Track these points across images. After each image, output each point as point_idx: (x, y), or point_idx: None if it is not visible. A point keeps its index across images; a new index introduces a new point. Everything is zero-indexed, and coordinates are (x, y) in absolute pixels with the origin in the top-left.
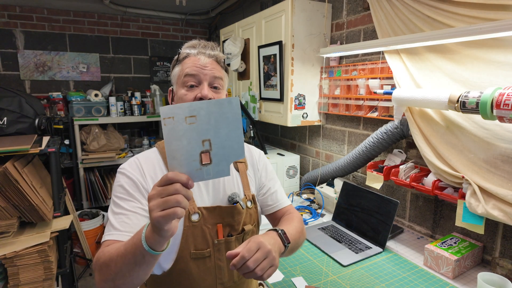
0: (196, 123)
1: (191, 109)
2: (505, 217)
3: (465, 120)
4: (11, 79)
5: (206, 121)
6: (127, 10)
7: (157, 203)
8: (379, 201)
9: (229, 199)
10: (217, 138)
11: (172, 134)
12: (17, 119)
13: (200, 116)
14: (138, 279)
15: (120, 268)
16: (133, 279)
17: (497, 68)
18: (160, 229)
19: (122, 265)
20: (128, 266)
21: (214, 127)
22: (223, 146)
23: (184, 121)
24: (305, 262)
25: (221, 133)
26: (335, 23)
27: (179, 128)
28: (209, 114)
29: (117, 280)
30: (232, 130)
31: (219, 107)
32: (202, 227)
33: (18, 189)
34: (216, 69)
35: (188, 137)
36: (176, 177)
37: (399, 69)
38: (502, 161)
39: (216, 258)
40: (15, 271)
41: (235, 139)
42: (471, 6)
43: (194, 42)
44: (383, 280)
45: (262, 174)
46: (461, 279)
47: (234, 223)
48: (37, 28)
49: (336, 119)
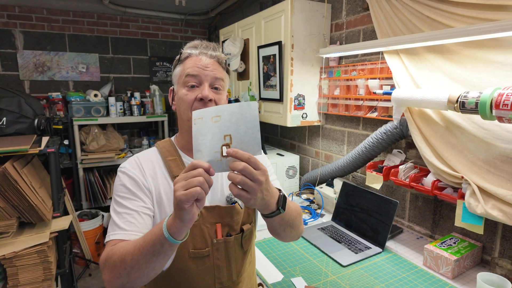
0: (220, 121)
1: (217, 110)
2: (505, 217)
3: (464, 120)
4: (11, 79)
5: (228, 119)
6: (127, 10)
7: (181, 184)
8: (378, 201)
9: (227, 199)
10: (237, 134)
11: (199, 131)
12: (17, 119)
13: (223, 116)
14: (154, 271)
15: (137, 260)
16: (149, 271)
17: (496, 68)
18: (181, 208)
19: (139, 256)
20: (146, 257)
21: (235, 124)
22: (242, 141)
23: (210, 120)
24: (304, 262)
25: (240, 130)
26: (334, 23)
27: (206, 126)
28: (231, 114)
29: (132, 273)
30: (249, 128)
31: (239, 109)
32: (201, 226)
33: (17, 190)
34: (218, 70)
35: (212, 133)
36: (199, 164)
37: (399, 69)
38: (501, 161)
39: (215, 258)
40: (14, 271)
41: (252, 136)
42: (470, 7)
43: (196, 42)
44: (382, 280)
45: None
46: (460, 279)
47: (233, 223)
48: (36, 28)
49: (335, 119)
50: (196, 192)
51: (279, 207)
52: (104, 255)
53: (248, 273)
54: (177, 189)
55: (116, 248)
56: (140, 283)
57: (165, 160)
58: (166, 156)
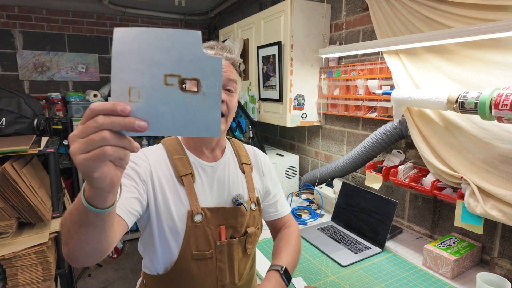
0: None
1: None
2: (504, 217)
3: (464, 120)
4: (10, 80)
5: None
6: (126, 11)
7: (77, 144)
8: (378, 201)
9: (233, 200)
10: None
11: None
12: (16, 120)
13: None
14: (88, 245)
15: (68, 229)
16: (82, 243)
17: (495, 69)
18: (90, 177)
19: (70, 224)
20: (74, 226)
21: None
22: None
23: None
24: (304, 263)
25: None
26: (334, 23)
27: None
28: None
29: (69, 243)
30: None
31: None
32: (204, 228)
33: (17, 190)
34: (232, 72)
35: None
36: (101, 107)
37: (398, 70)
38: (500, 161)
39: (218, 260)
40: (13, 272)
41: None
42: (469, 7)
43: (212, 43)
44: (382, 281)
45: (268, 179)
46: (460, 279)
47: (237, 225)
48: (36, 28)
49: (335, 120)
50: (101, 155)
51: (287, 284)
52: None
53: (250, 276)
54: (74, 152)
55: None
56: (79, 256)
57: (171, 158)
58: (172, 154)
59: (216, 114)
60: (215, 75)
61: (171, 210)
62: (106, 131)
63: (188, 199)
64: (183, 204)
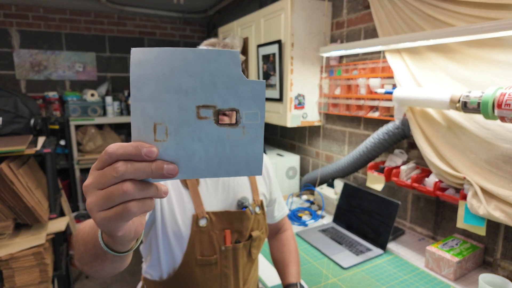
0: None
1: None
2: (507, 218)
3: (466, 120)
4: (6, 79)
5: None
6: (124, 9)
7: (95, 199)
8: (380, 203)
9: (239, 203)
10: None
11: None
12: (12, 119)
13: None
14: (104, 272)
15: (81, 255)
16: (98, 271)
17: (498, 68)
18: (112, 236)
19: (84, 253)
20: (90, 258)
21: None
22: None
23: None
24: (305, 265)
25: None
26: (335, 21)
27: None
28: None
29: (83, 265)
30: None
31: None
32: (209, 232)
33: (13, 191)
34: None
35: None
36: (121, 150)
37: (400, 69)
38: (503, 162)
39: (222, 265)
40: (10, 273)
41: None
42: (472, 5)
43: (213, 40)
44: (384, 283)
45: (270, 182)
46: (462, 281)
47: (242, 229)
48: (32, 27)
49: (336, 119)
50: (125, 214)
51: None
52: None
53: (253, 281)
54: (91, 208)
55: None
56: (94, 275)
57: None
58: None
59: (258, 149)
60: (257, 102)
61: (176, 214)
62: (128, 182)
63: (193, 203)
64: (187, 208)
